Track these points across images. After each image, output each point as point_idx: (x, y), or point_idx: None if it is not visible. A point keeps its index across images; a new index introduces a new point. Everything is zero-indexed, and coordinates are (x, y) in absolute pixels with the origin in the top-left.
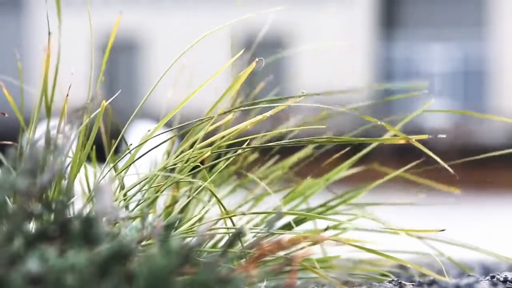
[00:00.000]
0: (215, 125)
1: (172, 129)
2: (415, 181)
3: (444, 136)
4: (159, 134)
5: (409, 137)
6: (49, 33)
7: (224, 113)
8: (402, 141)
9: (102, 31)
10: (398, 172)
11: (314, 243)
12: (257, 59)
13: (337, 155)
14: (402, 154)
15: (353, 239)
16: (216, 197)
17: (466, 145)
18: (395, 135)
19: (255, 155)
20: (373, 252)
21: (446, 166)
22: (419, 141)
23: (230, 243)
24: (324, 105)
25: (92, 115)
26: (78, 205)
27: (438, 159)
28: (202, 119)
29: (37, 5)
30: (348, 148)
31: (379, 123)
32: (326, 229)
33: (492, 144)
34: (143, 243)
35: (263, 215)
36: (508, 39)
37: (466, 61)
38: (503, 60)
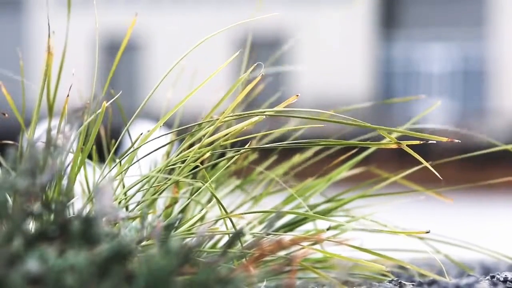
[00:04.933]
0: (215, 126)
1: (173, 132)
2: (414, 181)
3: (434, 142)
4: (160, 136)
5: (401, 142)
6: (53, 33)
7: (225, 119)
8: (394, 146)
9: (103, 31)
10: (399, 177)
11: (314, 243)
12: (257, 66)
13: (339, 158)
14: (402, 152)
15: (353, 239)
16: (216, 197)
17: (466, 145)
18: (389, 140)
19: (255, 156)
20: (372, 253)
21: (435, 172)
22: (419, 137)
23: (230, 243)
24: (324, 106)
25: (93, 116)
26: (78, 205)
27: (428, 165)
28: (201, 123)
29: (37, 5)
30: (350, 152)
31: (374, 127)
32: (328, 229)
33: (492, 144)
34: (143, 243)
35: (263, 215)
36: (508, 39)
37: (466, 61)
38: (503, 60)
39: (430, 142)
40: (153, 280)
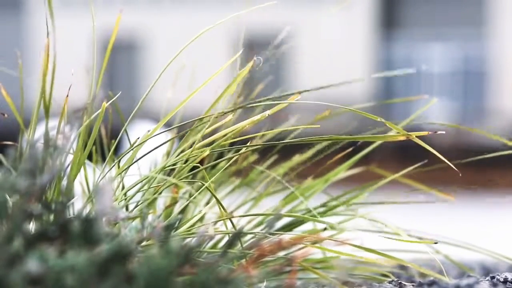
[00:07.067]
0: (215, 125)
1: (171, 128)
2: (415, 181)
3: (443, 132)
4: (159, 134)
5: (410, 133)
6: (48, 33)
7: (224, 113)
8: (402, 138)
9: (102, 31)
10: (399, 174)
11: (314, 243)
12: (255, 58)
13: (338, 156)
14: (402, 153)
15: (353, 239)
16: (216, 197)
17: (466, 145)
18: (396, 132)
19: (255, 155)
20: (373, 252)
21: (450, 164)
22: (420, 138)
23: (230, 244)
24: (324, 104)
25: (93, 116)
26: (78, 205)
27: (441, 157)
28: (201, 119)
29: (37, 5)
30: (349, 150)
31: (379, 120)
32: (324, 229)
33: (492, 144)
34: (143, 243)
35: (263, 216)
36: (508, 39)
37: (466, 61)
38: (503, 60)
39: (431, 141)
40: (153, 280)
